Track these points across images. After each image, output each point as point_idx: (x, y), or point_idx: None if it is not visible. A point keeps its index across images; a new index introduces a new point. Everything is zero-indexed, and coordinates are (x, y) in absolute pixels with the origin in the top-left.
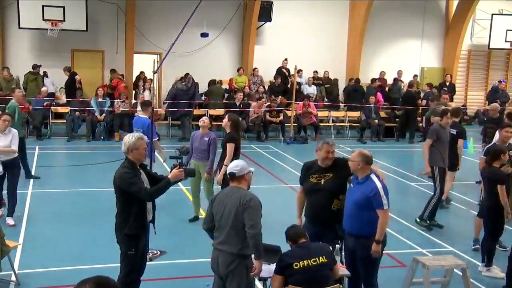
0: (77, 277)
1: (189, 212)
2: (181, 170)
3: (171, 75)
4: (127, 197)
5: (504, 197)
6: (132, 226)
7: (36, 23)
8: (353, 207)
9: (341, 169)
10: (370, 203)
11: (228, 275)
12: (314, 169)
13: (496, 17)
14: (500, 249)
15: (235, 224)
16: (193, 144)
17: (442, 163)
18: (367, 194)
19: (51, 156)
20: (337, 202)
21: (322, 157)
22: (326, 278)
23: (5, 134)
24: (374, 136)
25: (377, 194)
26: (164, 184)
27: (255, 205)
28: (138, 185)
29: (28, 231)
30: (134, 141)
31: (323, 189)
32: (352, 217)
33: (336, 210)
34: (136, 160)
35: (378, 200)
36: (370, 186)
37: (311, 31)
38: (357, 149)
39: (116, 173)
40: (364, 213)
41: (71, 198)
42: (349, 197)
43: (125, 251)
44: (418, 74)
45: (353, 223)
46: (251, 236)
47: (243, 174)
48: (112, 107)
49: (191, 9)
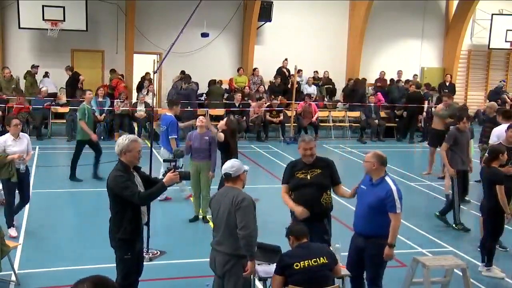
0: (77, 277)
1: (189, 212)
2: (176, 173)
3: (171, 75)
4: (120, 201)
5: (503, 197)
6: (126, 230)
7: (36, 23)
8: (366, 209)
9: (327, 167)
10: (384, 206)
11: (225, 274)
12: (300, 166)
13: (496, 17)
14: (500, 249)
15: (229, 224)
16: (193, 144)
17: (462, 165)
18: (381, 196)
19: (51, 156)
20: (325, 196)
21: (301, 154)
22: (326, 279)
23: (19, 139)
24: (374, 136)
25: (391, 197)
26: (158, 188)
27: (248, 205)
28: (131, 189)
29: (28, 231)
30: (128, 143)
31: (310, 184)
32: (365, 219)
33: (325, 204)
34: (130, 162)
35: (392, 203)
36: (385, 188)
37: (311, 31)
38: (372, 150)
39: (109, 176)
40: (377, 216)
41: (71, 198)
42: (362, 199)
43: (121, 255)
44: (418, 74)
45: (365, 224)
46: (242, 237)
47: (239, 175)
48: (112, 107)
49: (191, 9)
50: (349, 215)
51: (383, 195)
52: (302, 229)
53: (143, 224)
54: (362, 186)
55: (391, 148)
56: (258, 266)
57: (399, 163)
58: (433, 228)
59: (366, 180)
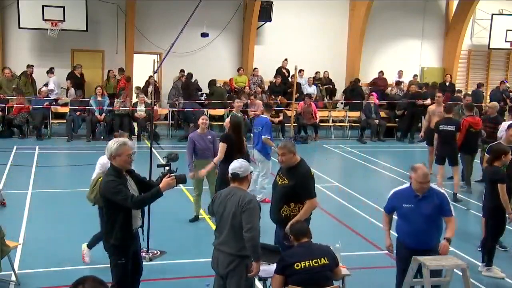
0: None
1: (189, 212)
2: (172, 178)
3: (171, 75)
4: (112, 205)
5: (504, 196)
6: (118, 236)
7: (36, 23)
8: (424, 223)
9: (295, 181)
10: (440, 212)
11: (227, 275)
12: (281, 169)
13: (496, 17)
14: (500, 249)
15: (234, 225)
16: (197, 145)
17: None
18: (437, 203)
19: (51, 156)
20: (286, 208)
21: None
22: (326, 279)
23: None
24: (374, 136)
25: (446, 200)
26: (153, 193)
27: (254, 207)
28: (123, 193)
29: (28, 231)
30: (116, 147)
31: (277, 190)
32: (424, 233)
33: (284, 217)
34: (121, 166)
35: (448, 206)
36: (439, 196)
37: (311, 31)
38: (418, 164)
39: (101, 181)
40: (433, 227)
41: (71, 198)
42: (414, 216)
43: (115, 260)
44: (418, 74)
45: (424, 238)
46: (248, 239)
47: (246, 175)
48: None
49: (191, 9)
50: (349, 215)
51: (438, 201)
52: (302, 229)
53: (136, 228)
54: (405, 205)
55: (391, 148)
56: None
57: (399, 163)
58: None
59: (405, 198)
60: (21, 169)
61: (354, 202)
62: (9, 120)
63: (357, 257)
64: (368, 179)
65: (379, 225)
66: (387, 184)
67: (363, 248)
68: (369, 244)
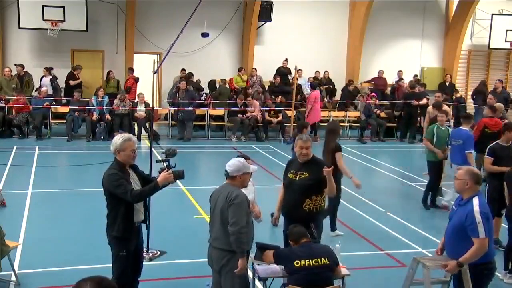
0: (77, 277)
1: (189, 212)
2: (170, 172)
3: (171, 75)
4: (114, 198)
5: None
6: (120, 228)
7: (36, 23)
8: (450, 232)
9: (317, 170)
10: (465, 230)
11: (221, 270)
12: (294, 165)
13: (496, 17)
14: (500, 249)
15: (223, 220)
16: None
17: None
18: (462, 219)
19: (51, 156)
20: (309, 202)
21: (297, 153)
22: (326, 280)
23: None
24: (374, 136)
25: (471, 219)
26: (151, 187)
27: (240, 202)
28: (123, 186)
29: (28, 231)
30: (121, 142)
31: (295, 187)
32: (450, 241)
33: (308, 211)
34: (124, 161)
35: (472, 226)
36: (467, 209)
37: (311, 31)
38: (465, 166)
39: (104, 174)
40: (460, 241)
41: (71, 198)
42: (450, 220)
43: (116, 252)
44: (418, 74)
45: (449, 248)
46: (231, 233)
47: (236, 175)
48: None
49: (191, 9)
50: (349, 215)
51: (463, 217)
52: (299, 232)
53: (139, 222)
54: (454, 206)
55: (391, 148)
56: (258, 266)
57: (399, 163)
58: (433, 228)
59: (458, 199)
60: (21, 169)
61: (354, 202)
62: (9, 120)
63: (357, 257)
64: (368, 179)
65: (379, 225)
66: (387, 184)
67: (363, 248)
68: (369, 244)
